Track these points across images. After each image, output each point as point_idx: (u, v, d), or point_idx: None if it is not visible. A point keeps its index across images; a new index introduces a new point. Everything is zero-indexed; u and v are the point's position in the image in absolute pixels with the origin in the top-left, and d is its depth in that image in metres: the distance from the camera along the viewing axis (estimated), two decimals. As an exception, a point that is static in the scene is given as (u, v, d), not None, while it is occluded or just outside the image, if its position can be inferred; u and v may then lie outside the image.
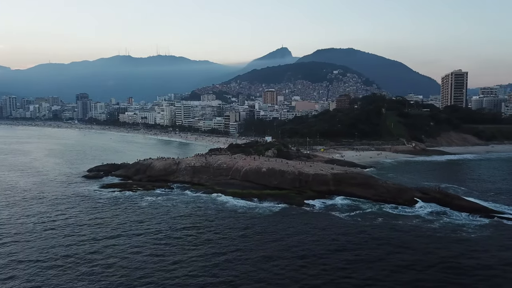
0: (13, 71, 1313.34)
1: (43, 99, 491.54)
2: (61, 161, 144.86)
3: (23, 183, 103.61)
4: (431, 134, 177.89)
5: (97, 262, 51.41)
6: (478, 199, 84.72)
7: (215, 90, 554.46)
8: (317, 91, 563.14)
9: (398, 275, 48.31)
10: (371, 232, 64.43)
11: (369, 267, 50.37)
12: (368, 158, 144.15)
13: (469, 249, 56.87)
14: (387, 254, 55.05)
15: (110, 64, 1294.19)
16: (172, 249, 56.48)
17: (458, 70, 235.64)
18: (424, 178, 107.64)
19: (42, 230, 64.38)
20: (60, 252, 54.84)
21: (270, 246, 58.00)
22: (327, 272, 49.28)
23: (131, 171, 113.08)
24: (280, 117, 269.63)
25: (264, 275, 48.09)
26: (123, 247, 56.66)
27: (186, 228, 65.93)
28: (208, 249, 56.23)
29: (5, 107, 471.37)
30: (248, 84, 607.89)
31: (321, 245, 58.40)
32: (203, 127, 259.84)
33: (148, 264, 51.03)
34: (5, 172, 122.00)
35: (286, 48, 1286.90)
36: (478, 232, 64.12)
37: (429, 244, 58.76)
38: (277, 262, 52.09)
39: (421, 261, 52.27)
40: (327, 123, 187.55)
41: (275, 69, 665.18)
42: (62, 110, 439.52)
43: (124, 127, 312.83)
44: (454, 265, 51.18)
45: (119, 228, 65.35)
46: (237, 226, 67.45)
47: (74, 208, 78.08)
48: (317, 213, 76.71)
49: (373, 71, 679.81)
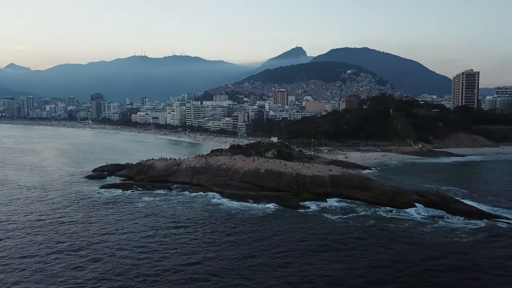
0: (33, 72, 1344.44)
1: (59, 99, 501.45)
2: (68, 161, 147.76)
3: (28, 182, 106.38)
4: (440, 135, 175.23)
5: (78, 259, 53.26)
6: (477, 202, 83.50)
7: (228, 90, 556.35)
8: (330, 91, 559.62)
9: (370, 275, 48.99)
10: (357, 234, 64.34)
11: (344, 267, 51.33)
12: (373, 159, 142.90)
13: (453, 252, 56.24)
14: (365, 255, 55.50)
15: (127, 65, 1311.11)
16: (156, 246, 58.04)
17: (470, 70, 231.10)
18: (426, 180, 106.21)
19: (33, 227, 66.85)
20: (44, 249, 57.01)
21: (252, 245, 58.85)
22: (303, 271, 50.10)
23: (134, 171, 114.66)
24: (289, 117, 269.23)
25: (240, 272, 49.47)
26: (107, 244, 58.52)
27: (175, 227, 67.15)
28: (192, 248, 57.27)
29: (22, 107, 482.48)
30: (261, 84, 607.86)
31: (304, 245, 59.11)
32: (212, 127, 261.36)
33: (127, 259, 52.88)
34: (13, 171, 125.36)
35: (301, 48, 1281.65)
36: (470, 236, 63.20)
37: (412, 247, 58.24)
38: (256, 260, 53.40)
39: (396, 263, 52.41)
40: (335, 123, 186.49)
41: (288, 68, 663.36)
42: (77, 110, 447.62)
43: (136, 127, 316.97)
44: (430, 268, 51.01)
45: (108, 227, 66.87)
46: (227, 226, 68.23)
47: (69, 207, 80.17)
48: (310, 215, 76.76)
49: (388, 71, 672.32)
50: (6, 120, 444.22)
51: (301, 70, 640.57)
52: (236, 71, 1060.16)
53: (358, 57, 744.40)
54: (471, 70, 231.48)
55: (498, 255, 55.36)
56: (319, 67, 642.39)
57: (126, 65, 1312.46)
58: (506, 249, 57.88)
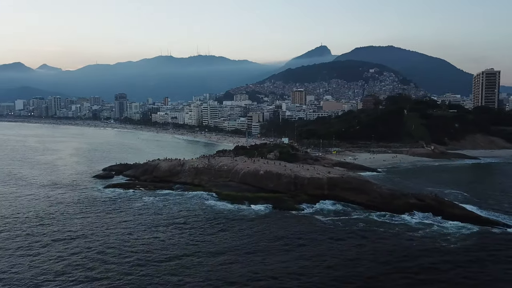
0: (63, 72, 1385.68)
1: (84, 99, 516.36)
2: (82, 160, 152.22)
3: (39, 180, 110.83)
4: (456, 136, 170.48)
5: (58, 254, 56.59)
6: (477, 207, 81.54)
7: (248, 90, 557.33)
8: (352, 90, 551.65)
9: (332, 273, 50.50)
10: (343, 236, 64.60)
11: (311, 265, 53.13)
12: (382, 161, 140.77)
13: (434, 257, 55.41)
14: (337, 254, 56.91)
15: (153, 65, 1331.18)
16: (136, 243, 60.54)
17: (490, 69, 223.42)
18: (431, 183, 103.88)
19: (27, 222, 71.35)
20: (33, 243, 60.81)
21: (228, 244, 60.92)
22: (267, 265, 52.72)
23: (139, 171, 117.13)
24: (305, 117, 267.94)
25: (208, 269, 51.70)
26: (92, 240, 62.02)
27: (163, 226, 69.55)
28: (169, 248, 59.15)
29: (50, 107, 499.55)
30: (282, 83, 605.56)
31: (279, 244, 60.89)
32: (227, 127, 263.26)
33: (105, 256, 55.63)
34: (28, 169, 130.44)
35: (325, 47, 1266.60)
36: (459, 242, 61.84)
37: (393, 252, 57.69)
38: (226, 257, 55.76)
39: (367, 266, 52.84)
40: (347, 124, 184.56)
41: (310, 68, 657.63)
42: (101, 110, 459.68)
43: (155, 126, 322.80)
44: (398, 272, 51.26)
45: (96, 224, 70.41)
46: (214, 227, 69.60)
47: (69, 205, 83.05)
48: (302, 216, 77.03)
49: (413, 69, 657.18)
50: (34, 119, 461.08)
51: (323, 69, 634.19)
52: (260, 70, 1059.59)
53: (382, 56, 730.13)
54: (491, 69, 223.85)
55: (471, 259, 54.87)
56: (342, 66, 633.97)
57: (152, 65, 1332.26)
58: (490, 255, 56.49)
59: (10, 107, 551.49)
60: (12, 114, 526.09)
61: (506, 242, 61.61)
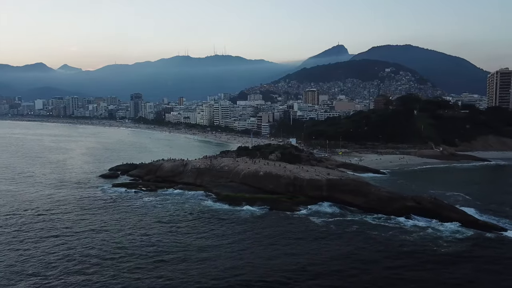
0: (83, 72, 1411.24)
1: (101, 98, 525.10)
2: (91, 159, 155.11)
3: (47, 179, 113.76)
4: (466, 137, 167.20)
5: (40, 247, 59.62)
6: (477, 210, 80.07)
7: (262, 90, 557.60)
8: (367, 89, 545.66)
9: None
10: (330, 238, 65.00)
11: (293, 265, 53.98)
12: (388, 162, 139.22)
13: (419, 261, 55.04)
14: (316, 256, 57.20)
15: (170, 64, 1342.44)
16: (124, 241, 62.60)
17: (505, 69, 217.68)
18: (434, 185, 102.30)
19: (23, 217, 75.02)
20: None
21: (214, 242, 62.63)
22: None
23: (144, 171, 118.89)
24: (317, 117, 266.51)
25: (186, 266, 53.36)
26: (81, 237, 64.27)
27: (155, 225, 71.03)
28: (155, 246, 60.94)
29: (68, 107, 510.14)
30: (297, 83, 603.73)
31: (262, 242, 62.59)
32: (238, 127, 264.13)
33: (90, 252, 57.95)
34: (39, 168, 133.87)
35: (343, 46, 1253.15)
36: (451, 246, 60.99)
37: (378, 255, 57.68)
38: (210, 253, 57.82)
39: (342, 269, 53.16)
40: (356, 124, 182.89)
41: (325, 67, 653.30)
42: (117, 110, 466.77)
43: (168, 126, 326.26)
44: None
45: (92, 222, 72.59)
46: (204, 226, 70.82)
47: (67, 204, 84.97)
48: (296, 217, 77.40)
49: (431, 69, 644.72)
50: (53, 119, 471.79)
51: (338, 68, 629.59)
52: (277, 69, 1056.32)
53: (399, 55, 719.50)
54: (506, 68, 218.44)
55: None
56: (357, 66, 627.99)
57: (170, 65, 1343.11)
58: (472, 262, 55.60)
59: (30, 107, 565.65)
60: (32, 113, 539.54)
61: (496, 248, 60.28)
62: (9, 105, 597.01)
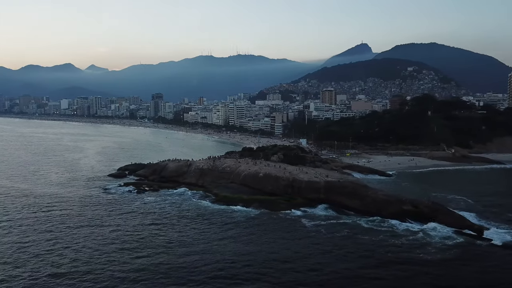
0: (110, 72, 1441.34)
1: (123, 98, 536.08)
2: (104, 159, 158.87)
3: (57, 178, 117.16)
4: (482, 139, 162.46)
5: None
6: (475, 215, 78.27)
7: (282, 90, 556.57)
8: (389, 89, 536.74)
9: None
10: (316, 240, 65.14)
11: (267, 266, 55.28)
12: (396, 164, 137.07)
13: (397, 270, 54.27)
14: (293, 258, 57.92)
15: (193, 64, 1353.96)
16: (111, 240, 64.65)
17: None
18: (438, 188, 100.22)
19: (25, 216, 77.59)
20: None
21: (198, 240, 64.75)
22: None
23: (149, 171, 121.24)
24: (332, 117, 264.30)
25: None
26: (73, 235, 66.79)
27: (148, 224, 72.93)
28: (143, 245, 62.74)
29: (92, 106, 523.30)
30: (317, 82, 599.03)
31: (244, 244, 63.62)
32: (252, 127, 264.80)
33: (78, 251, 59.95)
34: (51, 167, 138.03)
35: (366, 44, 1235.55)
36: (439, 254, 59.81)
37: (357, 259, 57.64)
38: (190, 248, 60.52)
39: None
40: (368, 125, 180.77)
41: (346, 66, 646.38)
42: (137, 109, 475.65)
43: (185, 126, 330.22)
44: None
45: (89, 219, 75.56)
46: (195, 228, 71.59)
47: (69, 203, 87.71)
48: (288, 219, 77.76)
49: (456, 67, 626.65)
50: (76, 118, 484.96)
51: (359, 67, 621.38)
52: (299, 69, 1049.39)
53: (423, 53, 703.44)
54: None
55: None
56: (379, 64, 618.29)
57: (193, 64, 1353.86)
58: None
59: (56, 107, 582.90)
60: (58, 113, 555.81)
61: (484, 257, 58.82)
62: (36, 104, 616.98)
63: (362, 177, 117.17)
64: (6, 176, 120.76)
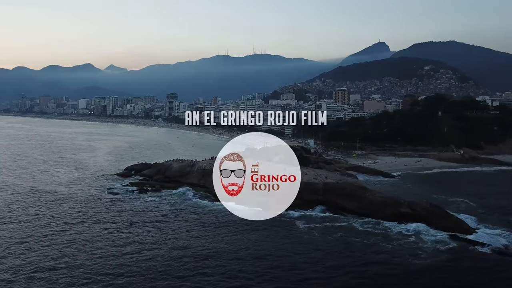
0: (128, 72, 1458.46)
1: (139, 98, 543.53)
2: (113, 158, 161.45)
3: (65, 178, 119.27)
4: (493, 140, 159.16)
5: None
6: (474, 218, 77.13)
7: (296, 89, 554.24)
8: (405, 88, 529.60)
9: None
10: (306, 242, 66.06)
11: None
12: (403, 165, 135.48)
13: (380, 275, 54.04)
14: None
15: (210, 64, 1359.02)
16: (102, 238, 66.44)
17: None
18: (441, 190, 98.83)
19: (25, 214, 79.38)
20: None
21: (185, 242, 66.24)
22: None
23: (154, 171, 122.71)
24: (344, 117, 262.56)
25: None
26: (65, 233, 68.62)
27: (141, 223, 74.55)
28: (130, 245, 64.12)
29: (108, 106, 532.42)
30: (332, 82, 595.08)
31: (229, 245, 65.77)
32: (262, 127, 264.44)
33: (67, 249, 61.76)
34: (61, 166, 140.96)
35: (384, 43, 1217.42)
36: (428, 258, 58.94)
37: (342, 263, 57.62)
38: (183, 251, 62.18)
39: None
40: (377, 125, 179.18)
41: (362, 65, 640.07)
42: (152, 109, 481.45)
43: (197, 126, 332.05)
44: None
45: (82, 217, 77.65)
46: (187, 228, 72.85)
47: (69, 200, 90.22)
48: (284, 221, 77.57)
49: (476, 66, 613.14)
50: (93, 118, 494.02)
51: (376, 66, 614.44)
52: (316, 68, 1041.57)
53: (442, 52, 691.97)
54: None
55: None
56: (396, 63, 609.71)
57: (210, 64, 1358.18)
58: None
59: (74, 106, 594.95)
60: (75, 112, 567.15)
61: (474, 263, 57.84)
62: (56, 104, 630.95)
63: (366, 178, 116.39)
64: (16, 174, 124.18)
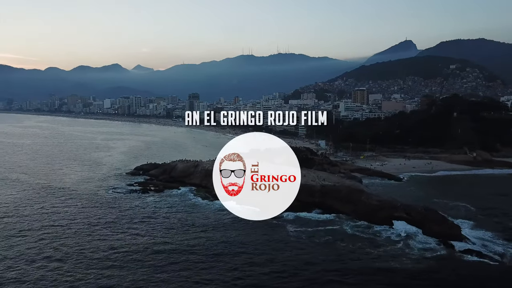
0: (155, 72, 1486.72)
1: (161, 98, 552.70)
2: (126, 158, 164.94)
3: (76, 176, 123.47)
4: (510, 142, 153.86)
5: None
6: (472, 224, 75.57)
7: (317, 89, 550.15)
8: (429, 88, 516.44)
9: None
10: (290, 245, 66.57)
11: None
12: (411, 167, 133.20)
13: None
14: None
15: (235, 64, 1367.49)
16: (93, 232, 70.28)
17: None
18: (443, 194, 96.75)
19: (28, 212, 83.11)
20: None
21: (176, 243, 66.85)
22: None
23: (160, 171, 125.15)
24: (361, 118, 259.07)
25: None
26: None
27: (137, 222, 76.84)
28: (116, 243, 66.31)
29: (132, 105, 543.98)
30: (354, 81, 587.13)
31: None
32: (276, 128, 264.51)
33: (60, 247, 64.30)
34: (75, 165, 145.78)
35: (411, 41, 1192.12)
36: (410, 265, 58.32)
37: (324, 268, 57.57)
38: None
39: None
40: (390, 126, 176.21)
41: (385, 64, 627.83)
42: (174, 109, 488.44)
43: (214, 126, 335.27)
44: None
45: (81, 216, 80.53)
46: (181, 229, 74.14)
47: (73, 199, 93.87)
48: (275, 224, 77.71)
49: (505, 64, 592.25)
50: (117, 117, 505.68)
51: (400, 65, 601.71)
52: (340, 67, 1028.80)
53: (470, 50, 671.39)
54: None
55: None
56: (421, 62, 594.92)
57: (234, 64, 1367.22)
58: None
59: (99, 106, 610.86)
60: (101, 112, 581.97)
61: (461, 271, 56.69)
62: (82, 104, 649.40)
63: (370, 181, 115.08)
64: (31, 172, 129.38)
